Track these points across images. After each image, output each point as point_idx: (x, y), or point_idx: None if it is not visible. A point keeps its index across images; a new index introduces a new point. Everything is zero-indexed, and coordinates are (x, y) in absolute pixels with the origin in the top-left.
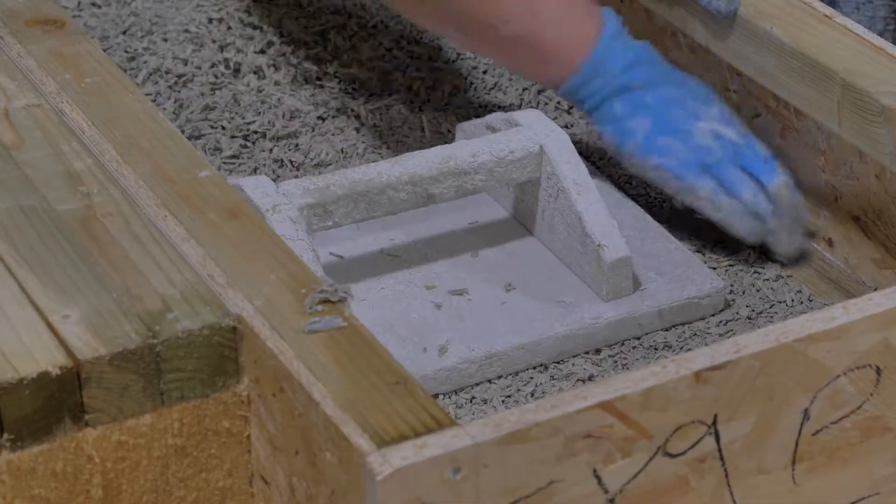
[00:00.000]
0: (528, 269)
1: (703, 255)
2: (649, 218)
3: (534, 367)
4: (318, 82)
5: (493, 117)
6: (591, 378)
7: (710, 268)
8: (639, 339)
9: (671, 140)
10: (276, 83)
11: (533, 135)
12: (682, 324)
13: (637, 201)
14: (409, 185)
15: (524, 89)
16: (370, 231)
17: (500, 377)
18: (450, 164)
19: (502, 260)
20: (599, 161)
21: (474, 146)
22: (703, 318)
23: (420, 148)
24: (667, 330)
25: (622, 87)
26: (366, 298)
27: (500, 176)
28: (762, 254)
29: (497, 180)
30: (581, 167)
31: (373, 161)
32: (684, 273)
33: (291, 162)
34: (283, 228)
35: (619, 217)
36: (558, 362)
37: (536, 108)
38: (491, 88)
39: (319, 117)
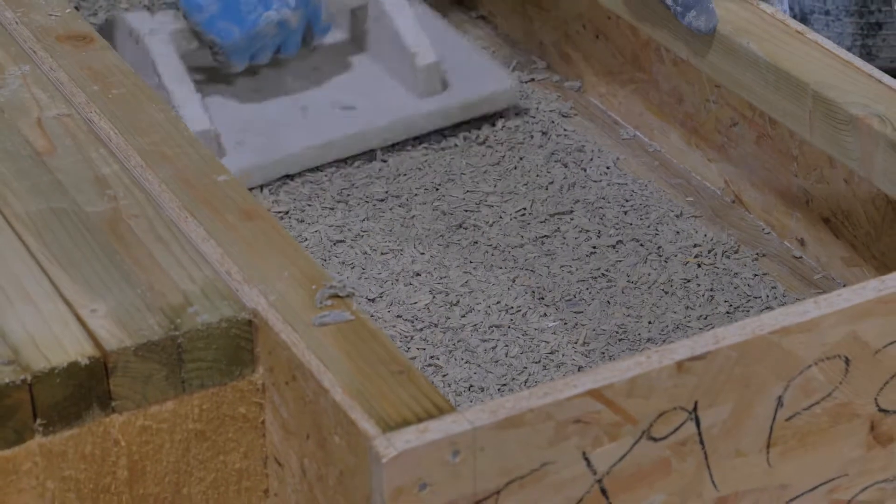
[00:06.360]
0: (361, 80)
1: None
2: (452, 30)
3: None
4: None
5: None
6: (580, 368)
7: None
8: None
9: (232, 25)
10: None
11: None
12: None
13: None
14: None
15: None
16: None
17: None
18: None
19: (339, 73)
20: None
21: None
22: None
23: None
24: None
25: None
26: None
27: (336, 2)
28: (736, 251)
29: (333, 5)
30: None
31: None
32: (483, 73)
33: None
34: (159, 48)
35: (428, 31)
36: (549, 353)
37: None
38: None
39: None
